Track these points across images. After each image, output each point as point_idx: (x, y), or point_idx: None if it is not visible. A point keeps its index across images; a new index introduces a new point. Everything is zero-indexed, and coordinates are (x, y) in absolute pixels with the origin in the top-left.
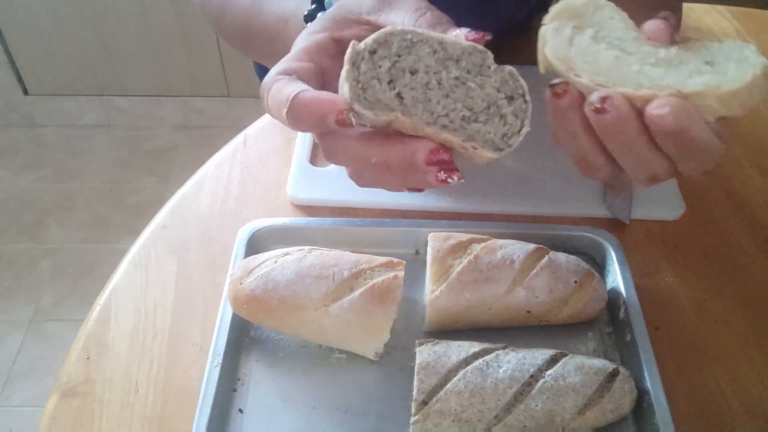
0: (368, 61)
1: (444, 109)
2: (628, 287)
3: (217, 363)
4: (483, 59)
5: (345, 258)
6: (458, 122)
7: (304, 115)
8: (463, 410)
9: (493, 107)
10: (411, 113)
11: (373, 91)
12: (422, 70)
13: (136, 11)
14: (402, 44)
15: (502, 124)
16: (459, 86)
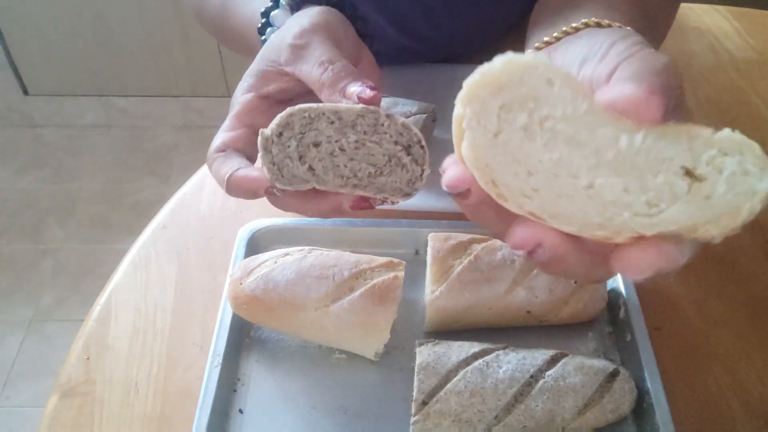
0: (277, 143)
1: (351, 171)
2: (628, 287)
3: (217, 363)
4: (376, 119)
5: (345, 258)
6: (366, 179)
7: (238, 191)
8: (463, 410)
9: (394, 159)
10: (324, 181)
11: (287, 169)
12: (325, 142)
13: (136, 11)
14: (303, 122)
15: (405, 172)
16: (360, 148)
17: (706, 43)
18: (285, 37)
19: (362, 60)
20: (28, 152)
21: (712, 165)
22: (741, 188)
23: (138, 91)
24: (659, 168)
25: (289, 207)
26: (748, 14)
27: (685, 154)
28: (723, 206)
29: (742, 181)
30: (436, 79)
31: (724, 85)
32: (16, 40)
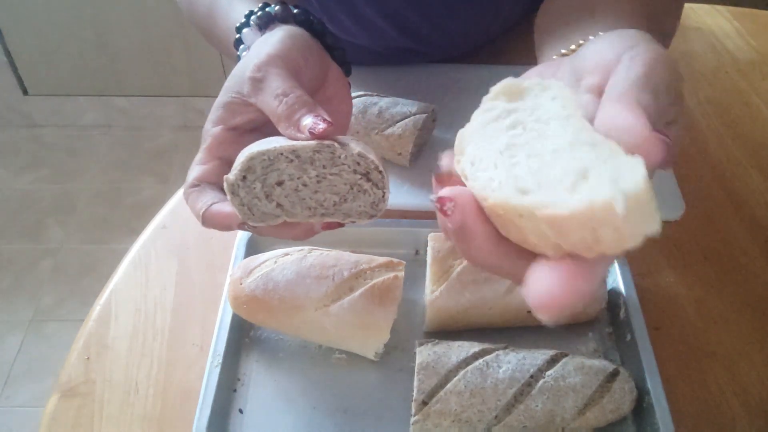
0: (243, 186)
1: (316, 202)
2: (628, 287)
3: (217, 363)
4: (332, 152)
5: (345, 258)
6: (332, 208)
7: (213, 225)
8: (463, 410)
9: (355, 186)
10: (293, 214)
11: (257, 208)
12: (287, 179)
13: (135, 11)
14: (263, 164)
15: (368, 197)
16: (322, 181)
17: (707, 43)
18: (245, 69)
19: (329, 79)
20: (28, 152)
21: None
22: (607, 189)
23: (138, 91)
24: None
25: (265, 233)
26: (749, 14)
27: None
28: (577, 200)
29: (616, 182)
30: (436, 79)
31: (724, 86)
32: (16, 40)
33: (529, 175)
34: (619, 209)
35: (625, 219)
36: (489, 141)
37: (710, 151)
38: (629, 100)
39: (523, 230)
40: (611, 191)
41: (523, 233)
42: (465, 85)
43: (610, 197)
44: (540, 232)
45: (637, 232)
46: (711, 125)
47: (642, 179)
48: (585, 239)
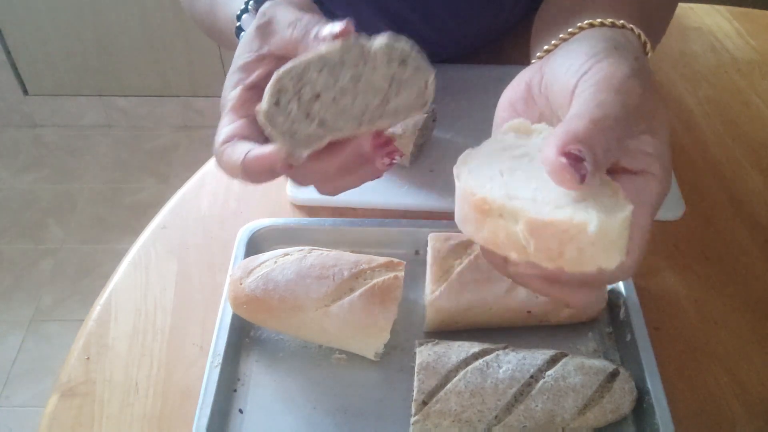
0: (279, 112)
1: (359, 109)
2: (628, 287)
3: (217, 363)
4: (360, 47)
5: (345, 258)
6: (378, 111)
7: (256, 171)
8: (463, 410)
9: (395, 79)
10: (339, 129)
11: (299, 132)
12: (323, 91)
13: (136, 11)
14: (293, 81)
15: (412, 87)
16: (358, 82)
17: (707, 43)
18: (250, 28)
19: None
20: (28, 152)
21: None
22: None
23: (138, 91)
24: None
25: (310, 176)
26: (749, 14)
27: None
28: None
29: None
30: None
31: (724, 86)
32: (16, 40)
33: (523, 189)
34: (591, 229)
35: (590, 243)
36: (493, 160)
37: (710, 151)
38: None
39: (498, 229)
40: (591, 216)
41: (495, 232)
42: (465, 85)
43: (587, 219)
44: (512, 234)
45: (596, 261)
46: (711, 125)
47: (621, 217)
48: (551, 249)
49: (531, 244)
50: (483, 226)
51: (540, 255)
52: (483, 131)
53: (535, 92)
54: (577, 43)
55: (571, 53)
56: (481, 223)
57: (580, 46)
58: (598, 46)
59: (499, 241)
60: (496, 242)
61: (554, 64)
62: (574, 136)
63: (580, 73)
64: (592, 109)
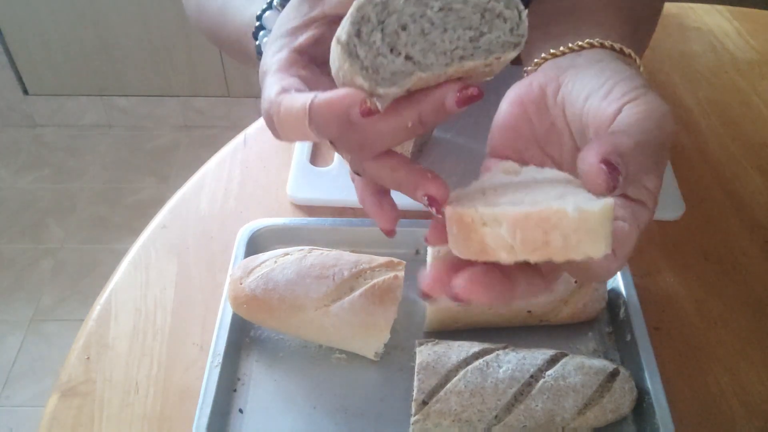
0: (360, 45)
1: (451, 43)
2: (628, 287)
3: (217, 363)
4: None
5: (345, 258)
6: (470, 46)
7: (327, 118)
8: (463, 410)
9: (488, 12)
10: (426, 66)
11: (384, 68)
12: (410, 22)
13: (136, 11)
14: (377, 9)
15: (504, 21)
16: (449, 14)
17: (707, 43)
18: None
19: None
20: (28, 152)
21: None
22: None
23: (138, 91)
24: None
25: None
26: (749, 14)
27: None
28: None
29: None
30: None
31: (724, 86)
32: (16, 40)
33: (504, 199)
34: (570, 213)
35: (573, 229)
36: (478, 188)
37: (710, 151)
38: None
39: (484, 237)
40: (568, 203)
41: (483, 241)
42: None
43: (565, 206)
44: (498, 236)
45: (582, 248)
46: (711, 125)
47: (600, 204)
48: (536, 239)
49: (517, 239)
50: (471, 241)
51: (527, 249)
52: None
53: (549, 101)
54: (602, 66)
55: (603, 80)
56: (468, 238)
57: (610, 72)
58: (637, 80)
59: (488, 248)
60: (485, 250)
61: (579, 85)
62: (617, 148)
63: (625, 100)
64: (638, 133)
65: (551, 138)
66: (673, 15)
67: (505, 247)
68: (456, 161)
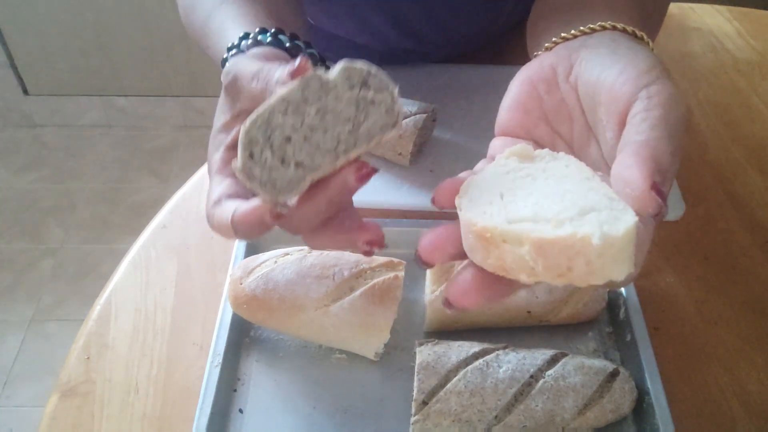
0: (254, 164)
1: (332, 140)
2: (628, 287)
3: (217, 363)
4: (318, 80)
5: (345, 258)
6: (351, 138)
7: (246, 227)
8: (463, 410)
9: (360, 102)
10: (317, 167)
11: (279, 179)
12: (293, 132)
13: (135, 12)
14: (261, 130)
15: (379, 106)
16: (326, 115)
17: (707, 43)
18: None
19: None
20: (28, 152)
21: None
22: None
23: (138, 91)
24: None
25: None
26: (749, 14)
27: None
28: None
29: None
30: (436, 79)
31: (724, 86)
32: (16, 40)
33: (523, 209)
34: (594, 241)
35: (598, 255)
36: (494, 185)
37: (710, 151)
38: (644, 154)
39: (504, 255)
40: (594, 228)
41: (502, 258)
42: (465, 85)
43: (590, 232)
44: (519, 257)
45: (605, 273)
46: (711, 125)
47: (624, 228)
48: (560, 265)
49: (539, 264)
50: (489, 254)
51: (549, 273)
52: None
53: (561, 79)
54: (616, 46)
55: (617, 57)
56: (486, 251)
57: (628, 52)
58: (650, 60)
59: (507, 266)
60: (504, 267)
61: (592, 64)
62: (659, 164)
63: (641, 84)
64: (668, 140)
65: (561, 116)
66: (673, 15)
67: (525, 269)
68: (456, 161)
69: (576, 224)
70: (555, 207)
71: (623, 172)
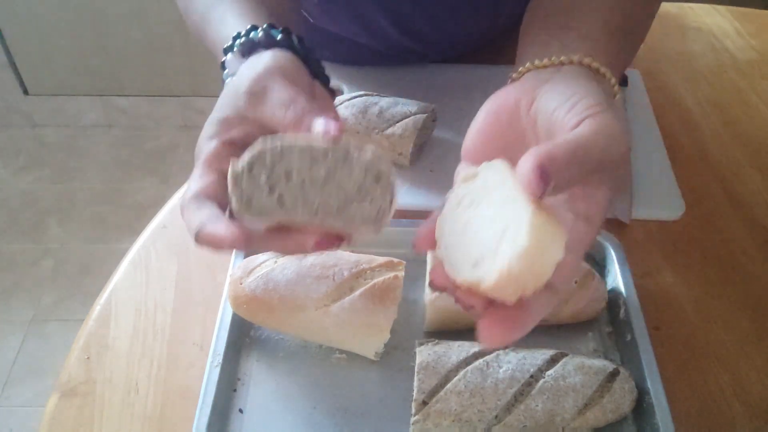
0: (247, 176)
1: (320, 202)
2: (628, 287)
3: (217, 363)
4: (346, 149)
5: (345, 258)
6: (335, 211)
7: (206, 244)
8: (463, 410)
9: (363, 190)
10: (292, 213)
11: (257, 201)
12: (295, 173)
13: (136, 12)
14: (274, 155)
15: (374, 203)
16: (330, 179)
17: (707, 43)
18: (240, 86)
19: (316, 96)
20: (28, 152)
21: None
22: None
23: (138, 91)
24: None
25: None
26: (749, 14)
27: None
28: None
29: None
30: (436, 79)
31: (724, 86)
32: (16, 40)
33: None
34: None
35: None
36: (454, 225)
37: (710, 151)
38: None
39: (486, 292)
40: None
41: (485, 292)
42: (465, 85)
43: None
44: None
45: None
46: (711, 125)
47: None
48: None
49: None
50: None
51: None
52: None
53: (523, 112)
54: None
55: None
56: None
57: (579, 89)
58: (600, 97)
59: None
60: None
61: (550, 99)
62: (550, 155)
63: (584, 115)
64: (580, 146)
65: (520, 147)
66: (673, 15)
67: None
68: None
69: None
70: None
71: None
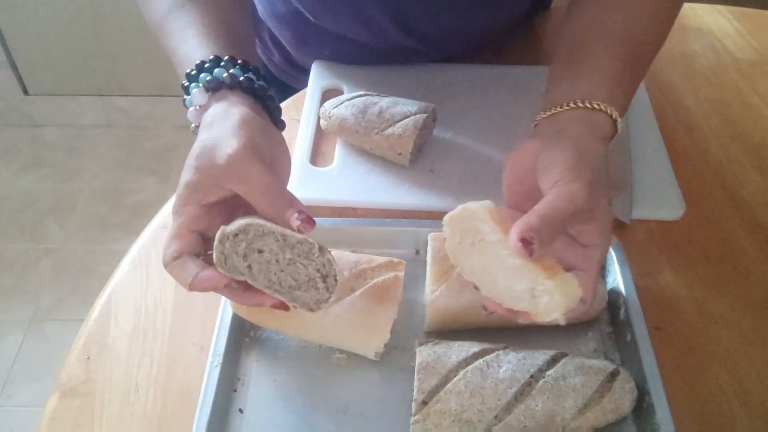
0: (231, 241)
1: (278, 279)
2: (629, 287)
3: (217, 363)
4: (310, 248)
5: (345, 258)
6: (287, 288)
7: (201, 290)
8: (463, 410)
9: (312, 281)
10: (255, 279)
11: (231, 261)
12: (267, 251)
13: (136, 11)
14: (256, 232)
15: (316, 294)
16: (291, 264)
17: (707, 43)
18: (216, 157)
19: (277, 155)
20: (28, 152)
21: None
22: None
23: (138, 91)
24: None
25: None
26: (749, 14)
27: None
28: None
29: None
30: (436, 79)
31: (724, 86)
32: (16, 40)
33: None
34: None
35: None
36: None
37: (710, 151)
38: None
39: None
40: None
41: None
42: (465, 85)
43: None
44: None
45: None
46: (711, 125)
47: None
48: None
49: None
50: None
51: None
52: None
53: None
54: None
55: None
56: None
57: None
58: (570, 163)
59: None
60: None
61: (540, 162)
62: (529, 226)
63: (555, 180)
64: (545, 214)
65: (536, 196)
66: None
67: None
68: (456, 161)
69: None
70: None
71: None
